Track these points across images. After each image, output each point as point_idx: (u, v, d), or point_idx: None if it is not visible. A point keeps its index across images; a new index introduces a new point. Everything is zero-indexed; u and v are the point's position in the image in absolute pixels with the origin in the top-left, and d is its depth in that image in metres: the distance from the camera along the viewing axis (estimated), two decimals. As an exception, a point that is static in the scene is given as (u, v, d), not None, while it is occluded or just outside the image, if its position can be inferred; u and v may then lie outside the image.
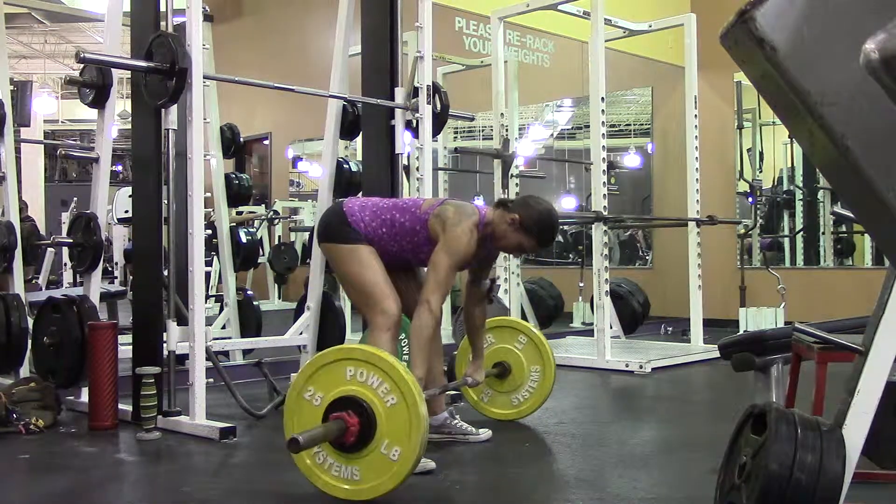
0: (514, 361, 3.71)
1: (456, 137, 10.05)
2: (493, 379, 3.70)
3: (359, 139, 4.91)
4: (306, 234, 9.99)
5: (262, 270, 9.94)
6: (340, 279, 3.36)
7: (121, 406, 3.64)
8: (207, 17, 4.86)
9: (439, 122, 4.52)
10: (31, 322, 4.07)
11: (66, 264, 7.60)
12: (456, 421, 3.33)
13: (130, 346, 3.81)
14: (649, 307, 7.15)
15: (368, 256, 3.13)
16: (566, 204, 9.32)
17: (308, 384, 2.55)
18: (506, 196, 3.41)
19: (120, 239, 8.81)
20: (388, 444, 2.44)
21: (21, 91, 5.41)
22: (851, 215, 2.69)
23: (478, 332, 3.44)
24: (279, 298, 10.25)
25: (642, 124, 9.17)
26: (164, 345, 3.61)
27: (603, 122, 5.52)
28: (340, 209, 3.23)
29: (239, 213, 9.51)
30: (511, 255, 6.23)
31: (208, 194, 4.00)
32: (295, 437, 2.36)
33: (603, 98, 5.51)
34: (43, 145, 13.66)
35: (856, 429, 1.77)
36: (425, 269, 3.28)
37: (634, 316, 6.96)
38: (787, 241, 8.41)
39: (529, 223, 3.13)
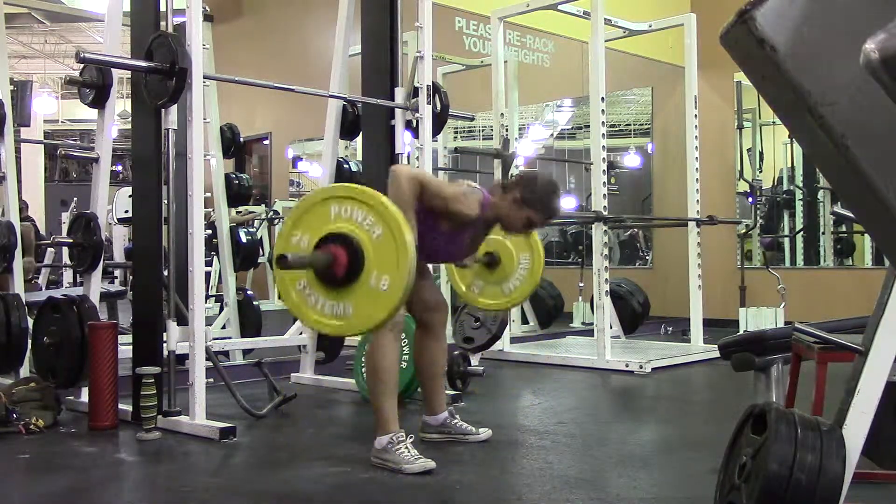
0: (504, 251, 3.71)
1: (456, 137, 10.05)
2: (482, 269, 3.70)
3: (359, 139, 4.92)
4: (306, 234, 9.97)
5: (262, 270, 9.95)
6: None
7: (121, 406, 3.64)
8: (207, 17, 4.86)
9: (439, 122, 4.52)
10: (31, 322, 4.07)
11: (66, 264, 7.60)
12: (456, 421, 3.33)
13: (130, 346, 3.81)
14: (649, 307, 7.15)
15: None
16: (566, 204, 9.32)
17: (294, 229, 2.54)
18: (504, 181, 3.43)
19: (120, 239, 8.80)
20: (376, 275, 2.42)
21: (21, 91, 5.40)
22: (851, 215, 2.68)
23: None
24: (279, 298, 10.24)
25: (642, 124, 9.16)
26: (164, 345, 3.61)
27: (603, 122, 5.52)
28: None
29: (239, 213, 9.53)
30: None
31: (208, 194, 4.00)
32: (284, 253, 2.35)
33: (603, 98, 5.51)
34: (43, 145, 13.66)
35: (856, 429, 1.78)
36: (430, 265, 3.29)
37: (634, 316, 6.96)
38: (787, 241, 8.41)
39: (533, 197, 3.11)
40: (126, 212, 6.34)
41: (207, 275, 6.91)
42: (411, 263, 2.41)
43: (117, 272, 9.29)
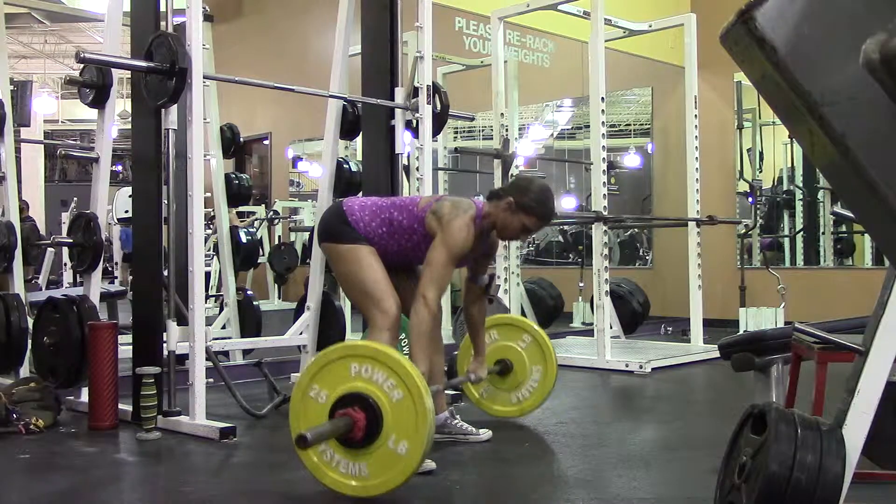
0: (517, 359, 3.71)
1: (456, 137, 10.05)
2: (494, 376, 3.70)
3: (359, 139, 4.91)
4: (306, 234, 10.00)
5: (262, 270, 9.95)
6: (340, 279, 3.37)
7: (121, 406, 3.64)
8: (207, 17, 4.86)
9: (439, 122, 4.51)
10: (31, 322, 4.07)
11: (66, 264, 7.60)
12: (456, 421, 3.33)
13: (130, 346, 3.81)
14: (649, 307, 7.15)
15: (368, 256, 3.13)
16: (566, 204, 9.32)
17: (313, 382, 2.55)
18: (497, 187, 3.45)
19: (120, 239, 8.80)
20: (395, 439, 2.44)
21: (21, 91, 5.41)
22: (851, 215, 2.68)
23: (478, 329, 3.44)
24: (279, 298, 10.25)
25: (642, 124, 9.16)
26: (164, 345, 3.61)
27: (603, 122, 5.52)
28: (340, 209, 3.23)
29: (242, 220, 9.54)
30: (510, 254, 6.23)
31: (208, 194, 3.99)
32: (303, 433, 2.36)
33: (603, 98, 5.51)
34: (43, 145, 13.66)
35: (856, 429, 1.77)
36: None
37: (634, 316, 6.96)
38: (787, 241, 8.41)
39: (527, 202, 3.12)
40: (126, 212, 6.34)
41: (207, 275, 6.91)
42: (430, 431, 2.43)
43: (117, 272, 9.30)
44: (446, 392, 3.48)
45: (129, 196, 4.75)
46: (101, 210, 3.99)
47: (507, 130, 6.21)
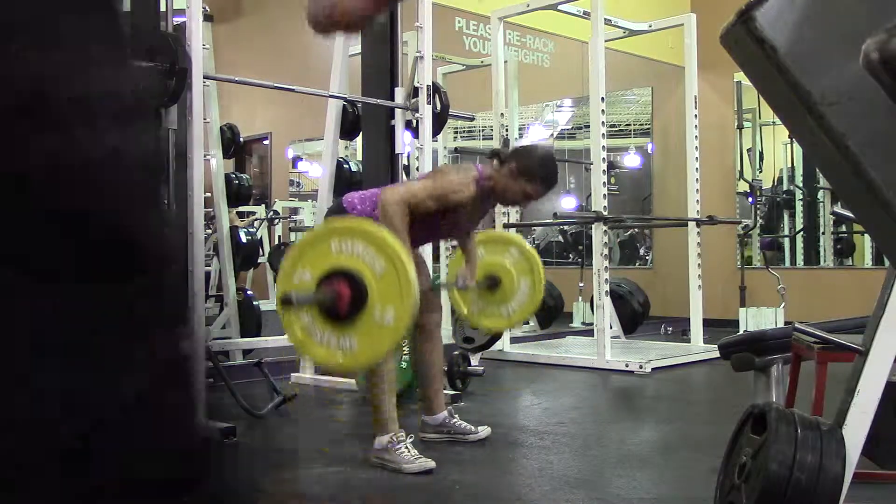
0: (505, 274, 3.72)
1: (456, 137, 10.06)
2: (484, 291, 3.70)
3: (359, 139, 4.92)
4: (306, 235, 10.00)
5: (262, 270, 9.95)
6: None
7: (121, 406, 3.63)
8: (207, 17, 4.86)
9: (439, 122, 4.52)
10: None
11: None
12: (455, 420, 3.33)
13: (130, 346, 3.80)
14: (649, 307, 7.15)
15: None
16: (566, 204, 9.33)
17: (295, 265, 2.54)
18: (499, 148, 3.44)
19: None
20: (380, 309, 2.43)
21: (21, 91, 5.40)
22: (851, 215, 2.68)
23: (470, 244, 3.45)
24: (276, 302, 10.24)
25: (642, 124, 9.17)
26: (164, 345, 3.60)
27: (603, 122, 5.53)
28: (341, 205, 3.24)
29: (242, 219, 9.54)
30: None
31: (208, 194, 4.00)
32: (288, 294, 2.35)
33: (603, 98, 5.51)
34: (43, 145, 13.67)
35: (856, 429, 1.77)
36: (426, 261, 3.29)
37: (634, 316, 6.96)
38: (787, 241, 8.41)
39: (531, 168, 3.10)
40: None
41: (207, 275, 6.90)
42: (415, 296, 2.42)
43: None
44: (446, 392, 3.48)
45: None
46: (101, 210, 3.99)
47: (507, 130, 6.21)
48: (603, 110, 5.52)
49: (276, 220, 11.03)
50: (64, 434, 0.72)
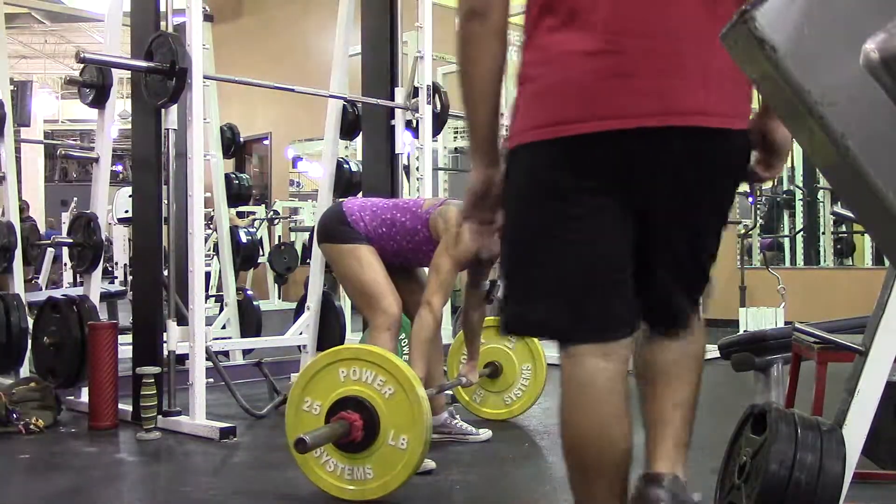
0: (506, 361, 3.71)
1: (456, 137, 10.05)
2: (484, 379, 3.70)
3: (359, 139, 4.91)
4: (306, 234, 10.00)
5: (262, 270, 9.95)
6: (340, 279, 3.37)
7: (121, 406, 3.64)
8: (207, 17, 4.86)
9: (439, 122, 4.52)
10: (31, 322, 4.07)
11: (66, 264, 7.60)
12: (456, 421, 3.33)
13: (130, 346, 3.81)
14: (649, 307, 7.13)
15: (368, 256, 3.13)
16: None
17: (304, 395, 2.55)
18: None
19: (120, 239, 8.81)
20: (394, 435, 2.44)
21: (21, 91, 5.41)
22: (851, 215, 2.68)
23: (475, 335, 3.44)
24: (279, 298, 10.25)
25: (642, 124, 9.15)
26: (164, 345, 3.61)
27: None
28: (340, 209, 3.23)
29: (240, 215, 9.53)
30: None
31: (208, 194, 4.00)
32: (301, 437, 2.35)
33: (603, 98, 5.50)
34: (43, 145, 13.67)
35: (856, 429, 1.78)
36: (425, 268, 3.29)
37: (634, 316, 6.94)
38: (787, 241, 8.41)
39: None
40: (126, 212, 6.34)
41: (207, 275, 6.90)
42: (427, 420, 2.43)
43: (117, 272, 9.30)
44: (446, 392, 3.48)
45: (129, 196, 4.75)
46: (101, 210, 3.99)
47: (507, 130, 6.20)
48: (603, 110, 5.52)
49: (276, 220, 11.04)
50: None
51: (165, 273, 3.82)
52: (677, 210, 1.45)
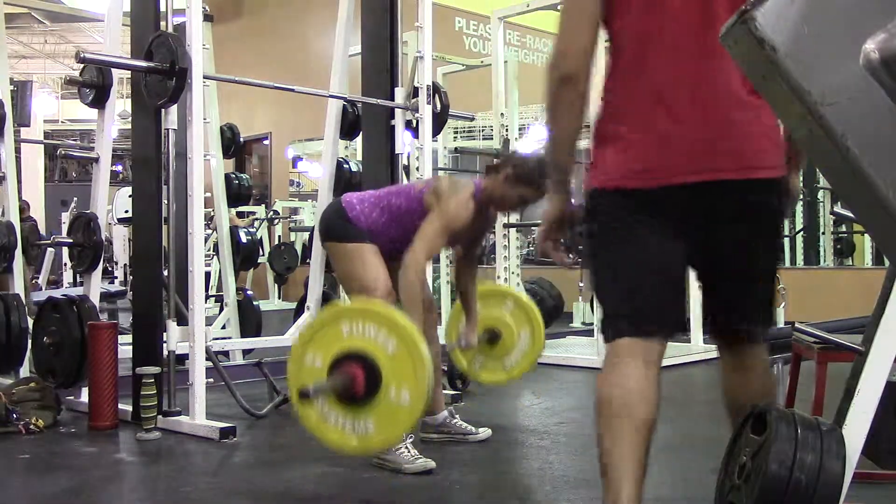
0: (504, 327, 3.72)
1: (456, 137, 10.05)
2: (483, 345, 3.70)
3: (359, 139, 4.91)
4: (306, 234, 10.00)
5: (262, 270, 9.95)
6: (341, 277, 3.37)
7: (121, 406, 3.64)
8: (207, 17, 4.86)
9: (439, 122, 4.52)
10: (31, 322, 4.07)
11: (66, 264, 7.61)
12: (455, 420, 3.33)
13: (130, 346, 3.81)
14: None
15: (370, 254, 3.14)
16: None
17: (307, 349, 2.54)
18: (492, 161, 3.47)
19: (120, 239, 8.81)
20: (396, 390, 2.43)
21: (21, 91, 5.41)
22: (851, 215, 2.68)
23: (471, 297, 3.45)
24: (279, 298, 10.25)
25: (642, 124, 9.15)
26: (164, 345, 3.61)
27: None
28: (340, 206, 3.24)
29: (239, 215, 9.53)
30: (510, 254, 6.23)
31: (208, 194, 4.00)
32: (304, 388, 2.35)
33: (603, 98, 5.50)
34: (43, 145, 13.66)
35: (856, 429, 1.77)
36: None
37: (634, 316, 6.94)
38: (787, 241, 8.40)
39: (524, 173, 3.11)
40: (126, 212, 6.35)
41: (207, 275, 6.90)
42: (429, 374, 2.42)
43: (117, 272, 9.30)
44: (446, 392, 3.48)
45: (129, 196, 4.76)
46: (101, 210, 3.99)
47: (507, 130, 6.21)
48: (603, 110, 5.51)
49: (276, 220, 11.04)
50: None
51: (165, 273, 3.82)
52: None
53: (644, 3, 1.80)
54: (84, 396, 3.84)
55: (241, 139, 6.08)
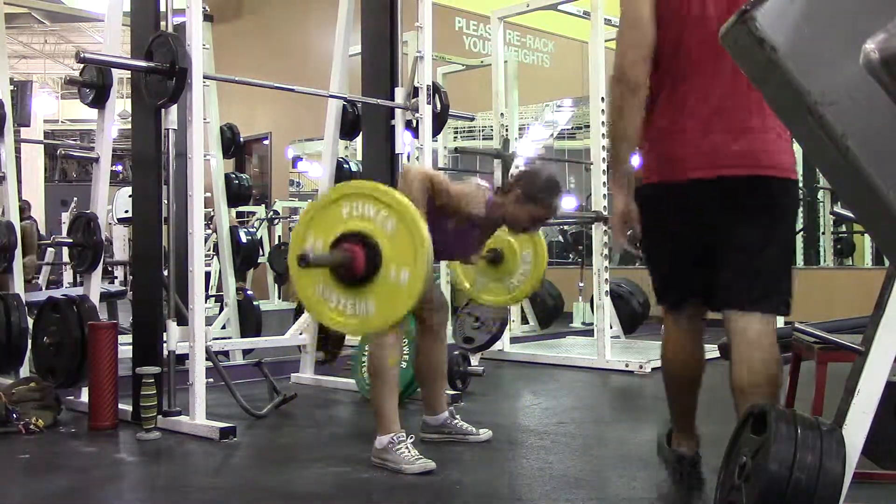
0: (507, 247, 3.71)
1: (456, 137, 10.06)
2: (486, 266, 3.69)
3: (359, 139, 4.92)
4: (306, 234, 9.98)
5: (262, 270, 9.95)
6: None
7: (121, 406, 3.64)
8: (207, 17, 4.86)
9: (439, 122, 4.51)
10: (31, 322, 4.07)
11: (66, 264, 7.61)
12: (456, 421, 3.32)
13: (130, 346, 3.81)
14: (649, 307, 7.13)
15: None
16: (566, 204, 9.32)
17: (307, 231, 2.53)
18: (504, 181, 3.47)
19: (120, 239, 8.81)
20: (395, 269, 2.42)
21: (21, 91, 5.40)
22: (851, 215, 2.68)
23: None
24: (279, 298, 10.25)
25: (642, 124, 9.15)
26: (164, 345, 3.61)
27: (603, 122, 5.52)
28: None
29: (239, 215, 9.53)
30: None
31: (208, 194, 4.00)
32: (304, 252, 2.34)
33: (603, 98, 5.51)
34: (43, 145, 13.67)
35: (856, 429, 1.77)
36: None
37: (634, 316, 6.95)
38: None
39: (535, 193, 3.09)
40: (126, 212, 6.35)
41: (207, 275, 6.90)
42: (429, 254, 2.41)
43: (117, 272, 9.30)
44: (446, 392, 3.48)
45: (129, 196, 4.75)
46: (101, 210, 3.99)
47: (507, 130, 6.21)
48: (603, 110, 5.52)
49: (276, 220, 11.04)
50: None
51: (165, 273, 3.82)
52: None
53: (669, 17, 2.20)
54: (84, 396, 3.84)
55: (241, 139, 6.08)
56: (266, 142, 12.37)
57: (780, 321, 7.21)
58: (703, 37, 2.15)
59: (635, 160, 2.33)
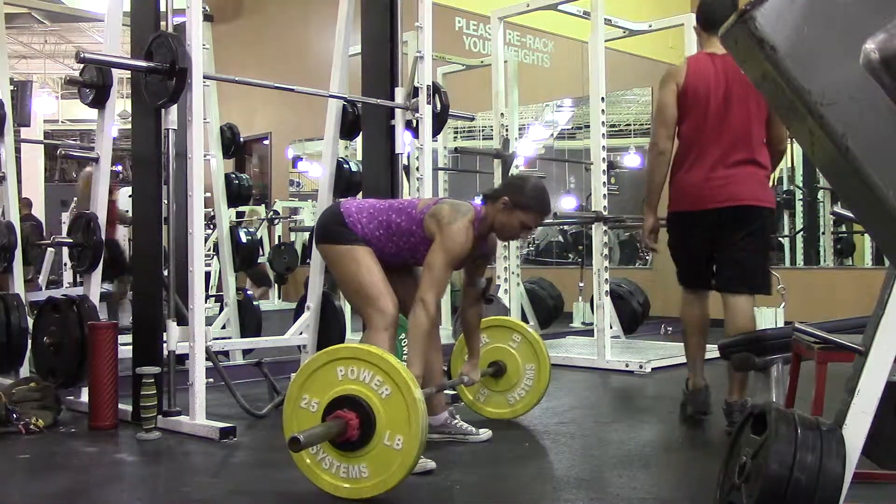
0: (510, 360, 3.72)
1: (456, 137, 10.06)
2: (488, 378, 3.70)
3: (359, 139, 4.91)
4: (306, 234, 10.01)
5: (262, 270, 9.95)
6: (337, 280, 3.37)
7: (121, 406, 3.64)
8: (207, 17, 4.86)
9: (439, 122, 4.51)
10: (31, 322, 4.07)
11: (66, 264, 7.60)
12: (456, 421, 3.33)
13: (130, 346, 3.81)
14: (649, 307, 7.15)
15: (365, 256, 3.14)
16: (566, 204, 9.32)
17: (302, 392, 2.56)
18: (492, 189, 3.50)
19: (120, 239, 8.80)
20: (389, 435, 2.44)
21: (21, 91, 5.41)
22: (851, 215, 2.68)
23: (474, 332, 3.44)
24: (279, 298, 10.25)
25: (642, 124, 9.17)
26: (164, 345, 3.61)
27: (603, 122, 5.52)
28: (338, 210, 3.24)
29: (239, 216, 9.52)
30: (510, 254, 6.23)
31: (208, 194, 3.99)
32: (296, 435, 2.36)
33: (603, 98, 5.51)
34: (43, 145, 13.66)
35: (856, 429, 1.77)
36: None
37: (634, 316, 6.96)
38: (787, 241, 8.40)
39: (522, 200, 3.13)
40: (126, 212, 6.34)
41: (207, 275, 6.90)
42: (423, 421, 2.44)
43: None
44: (446, 392, 3.48)
45: (129, 196, 4.75)
46: (101, 210, 3.99)
47: (507, 130, 6.20)
48: (603, 110, 5.52)
49: (276, 220, 11.04)
50: None
51: (165, 273, 3.82)
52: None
53: (689, 111, 3.55)
54: (84, 396, 3.84)
55: (241, 139, 6.07)
56: (266, 142, 12.37)
57: (781, 321, 7.22)
58: (706, 122, 3.50)
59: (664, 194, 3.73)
